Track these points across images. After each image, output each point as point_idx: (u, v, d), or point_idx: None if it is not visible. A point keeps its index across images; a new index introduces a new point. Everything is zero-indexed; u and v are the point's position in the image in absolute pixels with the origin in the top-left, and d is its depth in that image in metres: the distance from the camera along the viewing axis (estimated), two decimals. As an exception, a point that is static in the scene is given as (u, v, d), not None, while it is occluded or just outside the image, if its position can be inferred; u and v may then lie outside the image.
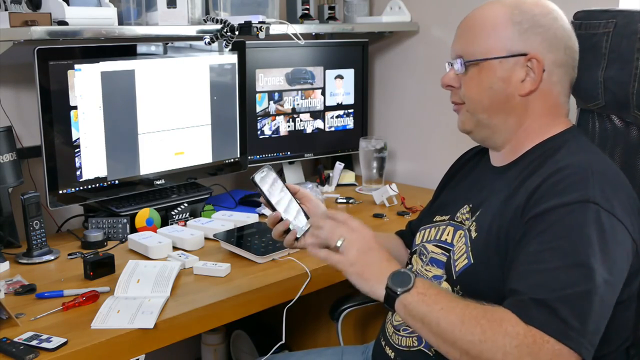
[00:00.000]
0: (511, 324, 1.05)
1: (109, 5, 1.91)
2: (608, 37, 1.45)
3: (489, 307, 1.10)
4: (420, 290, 1.13)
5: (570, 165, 1.18)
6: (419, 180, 2.63)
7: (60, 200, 1.91)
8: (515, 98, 1.27)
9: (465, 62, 1.29)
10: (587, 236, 1.10)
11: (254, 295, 1.61)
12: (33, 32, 1.68)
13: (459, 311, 1.09)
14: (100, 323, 1.40)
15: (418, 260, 1.39)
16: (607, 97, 1.47)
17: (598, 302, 1.07)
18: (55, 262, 1.80)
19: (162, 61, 2.10)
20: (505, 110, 1.29)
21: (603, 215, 1.11)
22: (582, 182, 1.14)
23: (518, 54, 1.25)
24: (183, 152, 2.18)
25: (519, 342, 1.03)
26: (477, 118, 1.31)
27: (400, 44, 2.66)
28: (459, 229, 1.32)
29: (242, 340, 2.48)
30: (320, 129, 2.60)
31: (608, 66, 1.45)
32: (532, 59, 1.25)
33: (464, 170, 1.48)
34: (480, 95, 1.29)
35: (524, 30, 1.25)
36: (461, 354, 1.08)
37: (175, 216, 2.04)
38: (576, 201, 1.12)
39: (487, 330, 1.05)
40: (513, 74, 1.26)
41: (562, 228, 1.12)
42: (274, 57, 2.44)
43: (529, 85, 1.26)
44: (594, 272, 1.07)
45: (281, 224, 1.37)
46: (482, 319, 1.07)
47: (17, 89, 2.00)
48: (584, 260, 1.08)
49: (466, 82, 1.31)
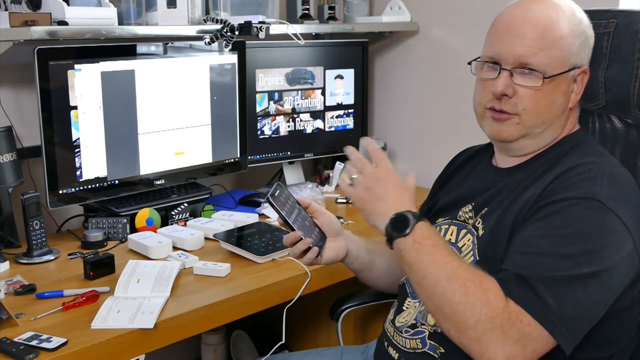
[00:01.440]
0: (495, 296, 1.07)
1: (109, 5, 1.91)
2: (609, 37, 1.45)
3: (481, 273, 1.11)
4: (417, 238, 1.14)
5: (582, 164, 1.19)
6: (419, 180, 2.58)
7: (60, 200, 1.91)
8: (567, 110, 1.28)
9: (544, 77, 1.21)
10: (582, 230, 1.11)
11: (254, 295, 1.61)
12: (33, 32, 1.68)
13: (449, 268, 1.10)
14: (100, 323, 1.40)
15: None
16: (608, 97, 1.47)
17: (581, 291, 1.08)
18: (55, 262, 1.80)
19: (162, 61, 2.10)
20: (558, 122, 1.28)
21: (604, 213, 1.12)
22: (591, 180, 1.15)
23: (577, 67, 1.25)
24: (183, 152, 2.18)
25: (495, 315, 1.05)
26: (531, 131, 1.26)
27: (400, 44, 2.66)
28: (463, 227, 1.32)
29: (242, 340, 2.48)
30: (320, 129, 2.60)
31: (609, 66, 1.45)
32: (582, 72, 1.26)
33: (462, 171, 1.47)
34: (544, 109, 1.24)
35: (582, 43, 1.25)
36: (436, 309, 1.11)
37: (175, 216, 2.04)
38: (580, 197, 1.13)
39: (470, 294, 1.07)
40: (571, 87, 1.26)
41: (560, 219, 1.13)
42: (274, 57, 2.44)
43: (575, 97, 1.27)
44: (579, 264, 1.09)
45: (302, 243, 1.35)
46: (470, 282, 1.08)
47: (17, 89, 2.00)
48: (572, 253, 1.10)
49: (534, 95, 1.22)
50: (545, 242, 1.12)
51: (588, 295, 1.09)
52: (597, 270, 1.09)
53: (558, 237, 1.12)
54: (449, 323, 1.10)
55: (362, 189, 1.22)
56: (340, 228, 1.45)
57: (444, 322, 1.10)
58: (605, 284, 1.11)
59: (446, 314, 1.09)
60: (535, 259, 1.11)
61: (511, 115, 1.25)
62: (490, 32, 1.29)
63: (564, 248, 1.10)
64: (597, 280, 1.10)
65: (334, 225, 1.43)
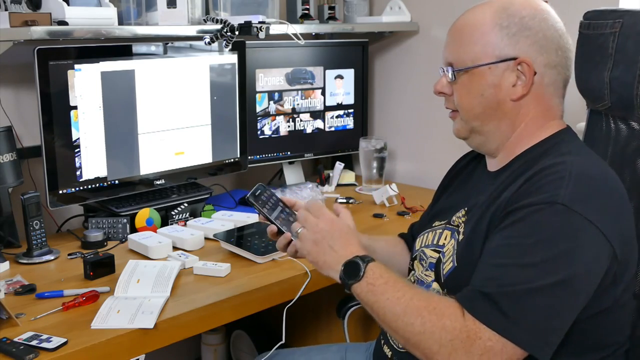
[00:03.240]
0: (450, 319, 1.10)
1: (109, 5, 1.91)
2: (614, 37, 1.42)
3: (435, 299, 1.15)
4: (370, 280, 1.18)
5: (551, 166, 1.17)
6: (419, 180, 2.63)
7: (60, 200, 1.91)
8: (507, 103, 1.26)
9: (454, 70, 1.28)
10: (546, 237, 1.10)
11: (254, 295, 1.61)
12: (33, 32, 1.68)
13: (403, 302, 1.14)
14: (100, 323, 1.40)
15: (419, 265, 1.39)
16: (613, 98, 1.44)
17: (548, 300, 1.08)
18: (55, 262, 1.80)
19: (162, 61, 2.10)
20: (497, 116, 1.27)
21: (570, 217, 1.10)
22: (556, 183, 1.13)
23: (507, 58, 1.24)
24: (183, 152, 2.18)
25: (453, 336, 1.08)
26: (471, 126, 1.31)
27: (400, 44, 2.66)
28: (455, 232, 1.33)
29: (242, 340, 2.48)
30: (320, 129, 2.61)
31: (614, 67, 1.43)
32: (522, 63, 1.23)
33: (463, 175, 1.47)
34: (472, 103, 1.28)
35: (512, 34, 1.23)
36: (403, 341, 1.15)
37: (175, 216, 2.05)
38: (544, 201, 1.12)
39: (427, 323, 1.11)
40: (503, 79, 1.25)
41: (525, 226, 1.13)
42: (274, 57, 2.44)
43: (521, 90, 1.25)
44: (545, 273, 1.08)
45: (282, 237, 1.37)
46: (424, 310, 1.12)
47: (17, 89, 2.00)
48: (537, 261, 1.09)
49: (457, 90, 1.30)
50: (511, 251, 1.12)
51: (557, 303, 1.09)
52: (564, 277, 1.08)
53: (523, 246, 1.11)
54: (418, 351, 1.13)
55: (310, 243, 1.27)
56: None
57: (414, 350, 1.14)
58: (574, 289, 1.10)
59: (412, 344, 1.13)
60: (502, 272, 1.11)
61: (457, 112, 1.33)
62: None
63: (528, 257, 1.10)
64: (565, 287, 1.09)
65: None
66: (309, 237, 1.27)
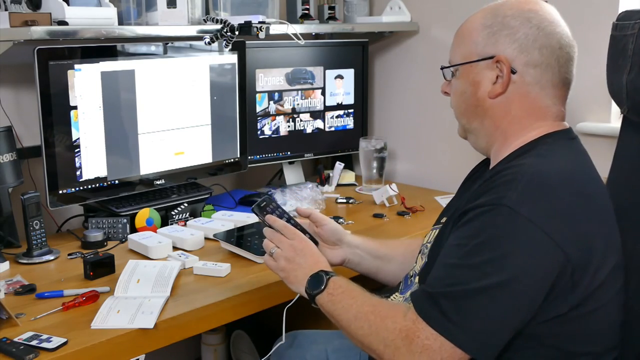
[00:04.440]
0: (392, 320, 1.17)
1: (109, 5, 1.91)
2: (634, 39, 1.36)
3: (382, 303, 1.23)
4: (330, 291, 1.29)
5: (510, 167, 1.18)
6: (419, 180, 2.63)
7: (60, 200, 1.91)
8: (487, 101, 1.27)
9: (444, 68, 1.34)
10: (489, 238, 1.11)
11: (254, 295, 1.61)
12: (33, 32, 1.68)
13: (355, 309, 1.23)
14: (100, 323, 1.40)
15: (419, 259, 1.41)
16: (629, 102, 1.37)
17: (487, 302, 1.10)
18: (55, 262, 1.80)
19: (162, 61, 2.10)
20: (479, 114, 1.29)
21: (513, 219, 1.10)
22: (506, 185, 1.14)
23: (487, 57, 1.25)
24: (183, 152, 2.18)
25: (395, 336, 1.15)
26: (461, 124, 1.35)
27: (400, 44, 2.66)
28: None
29: (242, 340, 2.48)
30: (320, 129, 2.61)
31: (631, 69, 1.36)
32: (499, 61, 1.24)
33: (472, 178, 1.47)
34: (457, 101, 1.33)
35: (492, 32, 1.25)
36: (359, 344, 1.24)
37: (175, 216, 2.05)
38: (491, 203, 1.13)
39: (373, 325, 1.19)
40: (483, 77, 1.26)
41: (471, 227, 1.15)
42: (274, 57, 2.44)
43: (499, 88, 1.25)
44: (485, 274, 1.09)
45: None
46: (371, 314, 1.20)
47: (17, 89, 2.00)
48: (478, 262, 1.11)
49: (452, 91, 1.35)
50: (457, 252, 1.15)
51: (496, 305, 1.10)
52: (503, 279, 1.09)
53: (467, 246, 1.13)
54: (371, 352, 1.21)
55: (283, 261, 1.38)
56: (341, 237, 1.54)
57: (368, 352, 1.22)
58: (514, 291, 1.10)
59: (365, 346, 1.21)
60: (446, 272, 1.15)
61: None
62: None
63: (471, 258, 1.12)
64: (504, 289, 1.09)
65: (332, 235, 1.52)
66: (282, 255, 1.38)
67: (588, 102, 2.09)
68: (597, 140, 2.02)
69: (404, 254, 1.57)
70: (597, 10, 2.05)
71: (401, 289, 1.42)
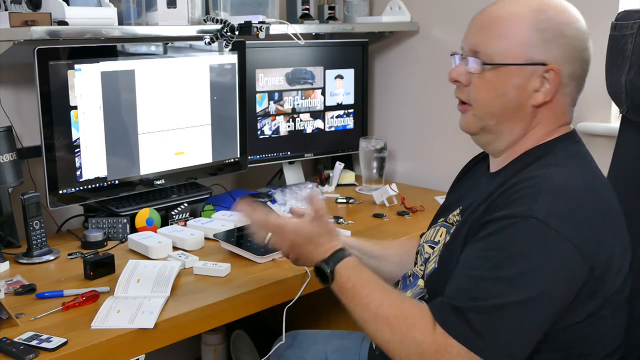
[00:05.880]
0: (420, 331, 1.10)
1: (109, 5, 1.91)
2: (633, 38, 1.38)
3: (406, 307, 1.15)
4: (338, 284, 1.23)
5: (532, 178, 1.15)
6: (419, 180, 2.63)
7: (60, 200, 1.91)
8: (527, 107, 1.23)
9: (483, 63, 1.22)
10: (519, 251, 1.09)
11: (254, 295, 1.61)
12: (33, 32, 1.68)
13: (372, 308, 1.16)
14: (100, 323, 1.40)
15: (419, 259, 1.41)
16: (628, 102, 1.39)
17: (518, 316, 1.08)
18: (55, 262, 1.80)
19: (162, 61, 2.10)
20: (514, 118, 1.24)
21: (544, 232, 1.08)
22: (532, 196, 1.11)
23: (538, 63, 1.20)
24: (183, 152, 2.18)
25: (422, 349, 1.09)
26: (484, 123, 1.26)
27: (400, 44, 2.66)
28: (450, 229, 1.33)
29: (242, 340, 2.48)
30: (320, 129, 2.60)
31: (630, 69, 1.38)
32: (550, 70, 1.20)
33: (469, 173, 1.48)
34: (492, 101, 1.24)
35: (547, 39, 1.20)
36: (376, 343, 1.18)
37: (175, 216, 2.04)
38: (519, 215, 1.10)
39: (397, 332, 1.12)
40: (529, 82, 1.21)
41: (499, 239, 1.11)
42: (274, 57, 2.44)
43: (542, 97, 1.22)
44: (516, 288, 1.07)
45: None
46: (394, 319, 1.13)
47: (17, 89, 2.00)
48: (509, 276, 1.08)
49: (479, 84, 1.24)
50: (484, 264, 1.11)
51: (527, 319, 1.09)
52: (535, 293, 1.08)
53: (496, 259, 1.10)
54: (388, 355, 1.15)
55: (286, 246, 1.36)
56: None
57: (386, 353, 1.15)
58: (545, 305, 1.09)
59: (384, 349, 1.15)
60: (474, 285, 1.11)
61: (468, 106, 1.28)
62: None
63: (500, 271, 1.09)
64: (536, 304, 1.08)
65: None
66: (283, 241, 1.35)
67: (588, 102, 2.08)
68: (597, 140, 2.02)
69: (399, 253, 1.56)
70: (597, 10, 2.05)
71: (399, 289, 1.41)
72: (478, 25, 1.26)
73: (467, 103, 1.28)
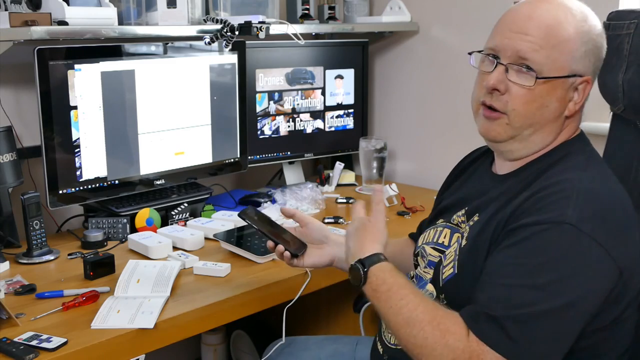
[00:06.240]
0: (454, 337, 1.09)
1: (109, 5, 1.91)
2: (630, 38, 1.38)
3: (440, 313, 1.13)
4: (373, 286, 1.19)
5: (558, 182, 1.15)
6: (419, 180, 2.63)
7: (60, 200, 1.91)
8: (562, 118, 1.22)
9: (537, 77, 1.17)
10: (553, 258, 1.08)
11: (254, 295, 1.61)
12: (33, 32, 1.68)
13: (405, 312, 1.13)
14: (100, 323, 1.40)
15: (421, 261, 1.40)
16: (626, 101, 1.39)
17: (554, 323, 1.07)
18: (55, 262, 1.80)
19: (162, 61, 2.10)
20: (549, 128, 1.22)
21: (577, 238, 1.08)
22: (563, 202, 1.11)
23: (578, 74, 1.20)
24: (183, 152, 2.18)
25: (456, 355, 1.07)
26: (518, 133, 1.22)
27: (400, 44, 2.66)
28: (456, 231, 1.32)
29: (242, 340, 2.48)
30: (320, 129, 2.61)
31: (627, 68, 1.38)
32: (584, 82, 1.20)
33: (466, 173, 1.46)
34: (534, 112, 1.20)
35: (588, 51, 1.19)
36: (406, 349, 1.14)
37: (175, 216, 2.05)
38: (551, 221, 1.09)
39: (429, 337, 1.10)
40: (567, 94, 1.20)
41: (532, 246, 1.10)
42: (274, 57, 2.44)
43: (574, 107, 1.22)
44: (552, 295, 1.07)
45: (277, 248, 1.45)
46: (428, 325, 1.11)
47: (17, 89, 2.00)
48: (544, 283, 1.07)
49: (521, 94, 1.19)
50: (517, 271, 1.10)
51: (563, 326, 1.09)
52: (571, 299, 1.07)
53: (530, 266, 1.09)
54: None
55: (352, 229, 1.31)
56: (327, 235, 1.51)
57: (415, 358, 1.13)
58: (580, 311, 1.09)
59: (414, 354, 1.13)
60: (508, 292, 1.09)
61: (501, 114, 1.22)
62: (495, 26, 1.26)
63: (536, 278, 1.08)
64: (572, 309, 1.08)
65: (318, 232, 1.51)
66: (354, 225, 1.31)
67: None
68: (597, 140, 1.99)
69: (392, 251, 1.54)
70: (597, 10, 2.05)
71: None
72: (521, 29, 1.19)
73: (499, 111, 1.22)
